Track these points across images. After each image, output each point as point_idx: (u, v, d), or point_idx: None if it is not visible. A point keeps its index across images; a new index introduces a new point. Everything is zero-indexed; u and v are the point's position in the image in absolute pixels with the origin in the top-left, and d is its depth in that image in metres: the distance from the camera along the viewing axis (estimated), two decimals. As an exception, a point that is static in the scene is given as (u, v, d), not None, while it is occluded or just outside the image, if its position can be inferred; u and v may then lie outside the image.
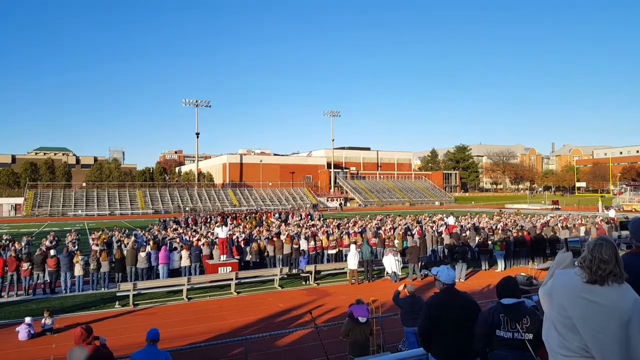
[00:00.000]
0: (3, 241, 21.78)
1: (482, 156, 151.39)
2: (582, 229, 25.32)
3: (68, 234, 24.96)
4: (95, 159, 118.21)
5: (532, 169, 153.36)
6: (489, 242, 20.67)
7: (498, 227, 25.13)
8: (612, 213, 35.13)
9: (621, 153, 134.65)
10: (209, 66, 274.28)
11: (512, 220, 30.74)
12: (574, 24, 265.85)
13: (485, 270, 19.49)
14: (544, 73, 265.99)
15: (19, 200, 71.06)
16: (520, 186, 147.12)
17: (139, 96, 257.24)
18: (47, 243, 20.73)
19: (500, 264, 19.53)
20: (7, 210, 69.84)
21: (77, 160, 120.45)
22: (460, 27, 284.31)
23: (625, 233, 17.62)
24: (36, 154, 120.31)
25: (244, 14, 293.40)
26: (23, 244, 20.52)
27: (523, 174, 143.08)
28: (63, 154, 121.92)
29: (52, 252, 16.77)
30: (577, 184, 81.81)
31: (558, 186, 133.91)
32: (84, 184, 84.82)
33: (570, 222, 28.12)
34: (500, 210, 47.74)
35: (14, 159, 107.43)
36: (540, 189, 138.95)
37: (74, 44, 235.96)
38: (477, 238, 21.66)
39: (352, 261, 17.05)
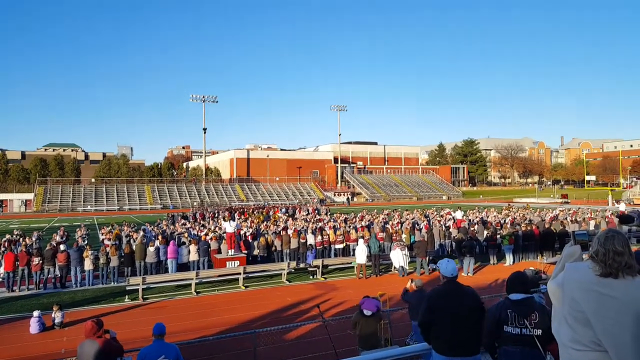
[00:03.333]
0: (14, 236, 22.01)
1: (490, 150, 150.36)
2: (592, 222, 25.12)
3: (78, 229, 25.17)
4: (104, 155, 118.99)
5: (540, 163, 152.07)
6: (498, 236, 20.57)
7: (506, 221, 24.98)
8: (622, 207, 34.83)
9: (631, 146, 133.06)
10: (216, 62, 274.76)
11: (521, 214, 30.54)
12: (583, 16, 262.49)
13: (494, 264, 19.42)
14: (552, 66, 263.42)
15: (29, 195, 71.80)
16: (529, 180, 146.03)
17: (147, 92, 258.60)
18: (58, 238, 20.95)
19: (509, 258, 19.44)
20: (17, 205, 70.61)
21: (86, 156, 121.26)
22: (468, 21, 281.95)
23: (625, 228, 17.38)
24: (46, 150, 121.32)
25: (250, 10, 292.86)
26: (34, 239, 20.72)
27: (532, 168, 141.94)
28: (72, 150, 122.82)
29: (62, 246, 16.95)
30: (587, 178, 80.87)
31: (567, 180, 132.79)
32: (93, 180, 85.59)
33: (579, 216, 27.90)
34: (509, 204, 47.45)
35: (24, 155, 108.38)
36: (549, 182, 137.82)
37: (84, 42, 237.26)
38: (485, 232, 21.56)
39: (361, 256, 17.03)
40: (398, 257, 17.14)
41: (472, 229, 22.25)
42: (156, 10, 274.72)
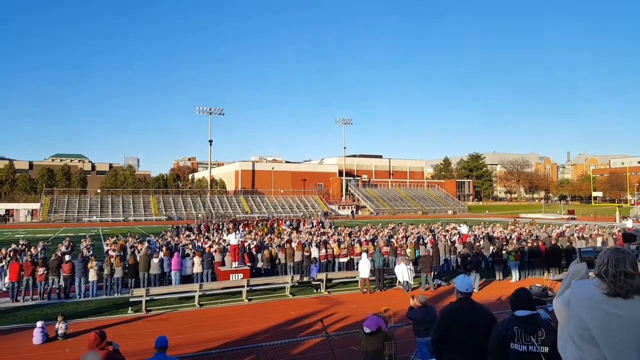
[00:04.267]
0: (19, 246, 22.10)
1: (496, 165, 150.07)
2: (599, 239, 24.89)
3: (83, 240, 25.25)
4: (111, 166, 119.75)
5: (547, 178, 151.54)
6: (503, 252, 20.41)
7: (512, 237, 24.82)
8: (629, 223, 34.54)
9: (639, 162, 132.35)
10: (222, 74, 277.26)
11: (527, 230, 30.34)
12: (591, 30, 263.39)
13: (499, 280, 19.24)
14: (559, 81, 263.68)
15: (36, 205, 72.21)
16: (535, 195, 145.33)
17: (154, 104, 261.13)
18: (63, 248, 21.00)
19: (515, 275, 19.26)
20: (23, 215, 70.98)
21: (93, 167, 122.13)
22: (474, 35, 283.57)
23: (633, 246, 17.13)
24: (53, 160, 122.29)
25: (257, 23, 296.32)
26: (39, 249, 20.80)
27: (538, 183, 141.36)
28: (79, 161, 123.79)
29: (67, 257, 16.99)
30: (594, 194, 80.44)
31: (574, 196, 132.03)
32: (99, 190, 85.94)
33: (586, 233, 27.69)
34: (515, 220, 47.20)
35: (31, 165, 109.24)
36: (556, 198, 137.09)
37: (91, 53, 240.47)
38: (491, 248, 21.41)
39: (364, 270, 16.94)
40: (402, 271, 17.03)
41: (477, 244, 22.13)
42: (163, 24, 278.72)
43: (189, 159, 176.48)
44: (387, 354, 8.02)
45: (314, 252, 19.88)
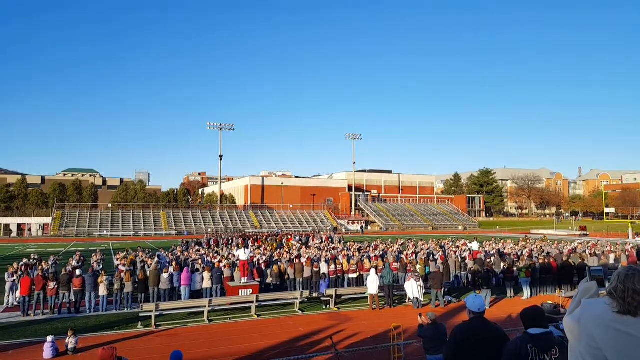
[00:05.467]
0: (31, 260, 22.31)
1: (507, 180, 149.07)
2: (612, 256, 24.54)
3: (93, 254, 25.43)
4: (122, 181, 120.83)
5: (558, 194, 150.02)
6: (515, 269, 20.19)
7: (524, 253, 24.54)
8: (643, 240, 33.97)
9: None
10: (233, 90, 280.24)
11: (538, 247, 29.99)
12: (601, 44, 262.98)
13: (511, 297, 19.00)
14: (569, 96, 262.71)
15: (47, 220, 72.96)
16: (547, 211, 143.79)
17: (165, 120, 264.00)
18: (74, 263, 21.17)
19: (526, 292, 19.01)
20: (35, 230, 71.72)
21: (104, 182, 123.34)
22: (486, 50, 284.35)
23: None
24: (64, 175, 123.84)
25: (266, 39, 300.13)
26: (50, 263, 20.98)
27: (549, 199, 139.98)
28: (90, 176, 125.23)
29: (77, 272, 17.11)
30: (606, 210, 79.48)
31: (586, 212, 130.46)
32: (110, 205, 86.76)
33: (599, 249, 27.30)
34: (526, 236, 46.68)
35: (43, 179, 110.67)
36: (567, 214, 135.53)
37: (102, 69, 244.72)
38: (502, 264, 21.19)
39: (372, 286, 16.83)
40: (412, 288, 16.90)
41: (488, 260, 21.91)
42: (174, 40, 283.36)
43: (199, 174, 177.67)
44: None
45: (324, 268, 19.81)
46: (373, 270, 17.43)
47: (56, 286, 16.15)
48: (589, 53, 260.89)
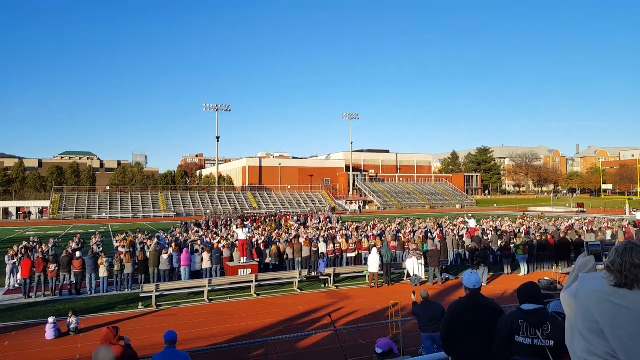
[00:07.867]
0: (31, 243, 22.36)
1: (505, 158, 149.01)
2: (609, 232, 24.72)
3: (93, 237, 25.48)
4: (119, 163, 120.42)
5: (556, 171, 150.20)
6: (512, 246, 20.34)
7: (521, 231, 24.70)
8: (639, 215, 34.19)
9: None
10: (229, 71, 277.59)
11: (536, 224, 30.17)
12: (598, 23, 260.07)
13: (508, 274, 19.19)
14: (567, 73, 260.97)
15: (46, 203, 72.93)
16: (544, 189, 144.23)
17: (161, 102, 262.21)
18: (74, 245, 21.22)
19: (523, 268, 19.20)
20: (34, 213, 71.76)
21: (102, 165, 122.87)
22: (481, 28, 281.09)
23: None
24: (62, 158, 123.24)
25: (262, 20, 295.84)
26: (50, 245, 21.03)
27: (547, 176, 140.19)
28: (88, 159, 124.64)
29: (77, 254, 17.18)
30: (603, 186, 79.70)
31: (583, 188, 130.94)
32: (108, 188, 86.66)
33: (596, 226, 27.46)
34: (524, 214, 46.92)
35: (40, 163, 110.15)
36: (565, 191, 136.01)
37: (98, 52, 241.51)
38: (499, 242, 21.34)
39: (373, 264, 16.96)
40: (414, 265, 17.01)
41: (486, 238, 22.05)
42: (170, 21, 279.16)
43: (197, 156, 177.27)
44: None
45: (322, 248, 19.93)
46: (374, 249, 17.55)
47: (57, 268, 16.23)
48: (587, 30, 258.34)
